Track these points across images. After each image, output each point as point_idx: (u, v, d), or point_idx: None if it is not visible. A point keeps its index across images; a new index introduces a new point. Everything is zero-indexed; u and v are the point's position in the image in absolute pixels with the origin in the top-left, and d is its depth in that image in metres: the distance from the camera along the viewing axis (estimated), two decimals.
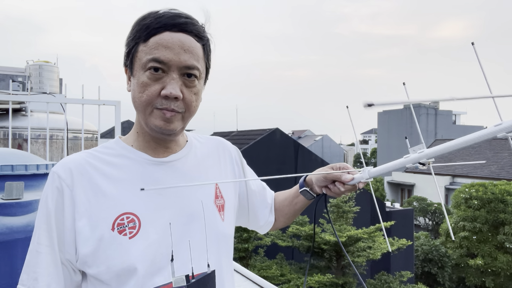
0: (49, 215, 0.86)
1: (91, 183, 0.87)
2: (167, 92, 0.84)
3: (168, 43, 0.84)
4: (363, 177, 1.03)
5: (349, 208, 10.49)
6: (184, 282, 0.87)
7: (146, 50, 0.85)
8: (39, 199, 1.73)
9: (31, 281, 0.86)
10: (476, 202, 13.69)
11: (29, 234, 1.63)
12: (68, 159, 0.90)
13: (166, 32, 0.85)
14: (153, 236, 0.86)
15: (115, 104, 3.92)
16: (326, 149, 48.66)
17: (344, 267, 10.23)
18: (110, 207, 0.86)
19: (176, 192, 0.92)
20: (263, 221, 1.21)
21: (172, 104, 0.86)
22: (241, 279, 3.15)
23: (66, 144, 4.10)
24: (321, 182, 1.11)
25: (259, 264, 10.00)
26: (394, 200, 26.14)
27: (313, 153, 13.90)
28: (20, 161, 1.89)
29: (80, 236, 0.84)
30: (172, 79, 0.85)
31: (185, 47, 0.86)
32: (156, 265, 0.85)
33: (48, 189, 0.87)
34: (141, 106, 0.87)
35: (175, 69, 0.85)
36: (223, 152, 1.10)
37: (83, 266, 0.86)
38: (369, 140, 67.40)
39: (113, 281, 0.84)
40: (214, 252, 0.94)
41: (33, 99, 3.93)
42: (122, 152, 0.93)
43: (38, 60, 6.13)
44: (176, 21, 0.86)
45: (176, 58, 0.84)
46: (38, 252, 0.86)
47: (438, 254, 14.27)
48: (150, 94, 0.85)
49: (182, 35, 0.86)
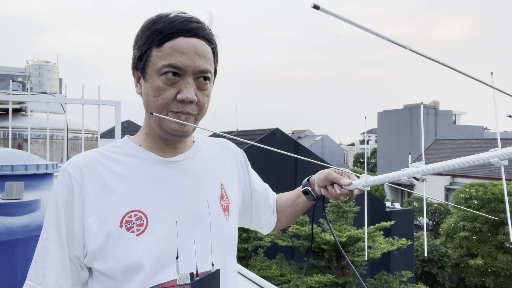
0: (58, 211, 0.87)
1: (100, 181, 0.89)
2: (183, 96, 0.86)
3: (183, 49, 0.86)
4: (360, 184, 1.05)
5: (349, 208, 10.49)
6: (188, 280, 0.88)
7: (161, 56, 0.87)
8: (39, 199, 1.74)
9: (39, 276, 0.87)
10: (476, 202, 13.70)
11: (29, 234, 1.63)
12: (78, 158, 0.92)
13: (181, 38, 0.87)
14: (159, 233, 0.88)
15: (115, 104, 3.92)
16: (326, 149, 48.68)
17: (344, 267, 10.24)
18: (119, 204, 0.87)
19: (183, 191, 0.94)
20: (266, 222, 1.24)
21: (187, 108, 0.88)
22: (241, 279, 3.15)
23: (66, 144, 4.10)
24: (321, 182, 1.13)
25: (259, 264, 10.01)
26: (394, 200, 26.13)
27: (313, 153, 13.91)
28: (20, 161, 1.89)
29: (88, 232, 0.86)
30: (187, 83, 0.87)
31: (199, 52, 0.88)
32: (162, 263, 0.87)
33: (58, 186, 0.89)
34: (156, 110, 0.89)
35: (190, 73, 0.88)
36: (229, 154, 1.13)
37: (91, 262, 0.87)
38: (369, 140, 67.40)
39: (120, 276, 0.85)
40: (219, 252, 0.96)
41: (33, 99, 3.94)
42: (130, 151, 0.95)
43: (38, 60, 6.12)
44: (190, 26, 0.88)
45: (191, 63, 0.87)
46: (47, 248, 0.87)
47: (438, 254, 14.26)
48: (166, 98, 0.87)
49: (195, 40, 0.88)
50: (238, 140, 3.04)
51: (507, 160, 0.78)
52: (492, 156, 0.78)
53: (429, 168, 0.91)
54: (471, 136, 33.07)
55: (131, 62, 0.95)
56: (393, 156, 34.57)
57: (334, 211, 10.55)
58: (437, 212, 20.21)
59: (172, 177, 0.94)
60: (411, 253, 13.77)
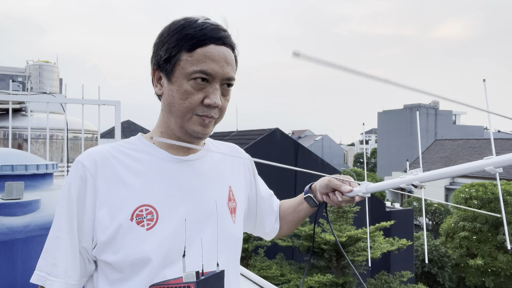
0: (71, 202, 0.88)
1: (114, 174, 0.90)
2: (211, 102, 0.90)
3: (214, 56, 0.90)
4: (361, 191, 1.08)
5: (349, 208, 10.49)
6: (194, 278, 0.89)
7: (192, 61, 0.89)
8: (39, 199, 1.74)
9: (49, 266, 0.88)
10: (476, 202, 13.70)
11: (29, 234, 1.63)
12: (93, 150, 0.93)
13: (212, 45, 0.90)
14: (169, 230, 0.89)
15: (115, 104, 3.92)
16: (326, 149, 48.68)
17: (344, 267, 10.23)
18: (130, 198, 0.89)
19: (193, 190, 0.96)
20: (269, 228, 1.26)
21: (211, 112, 0.92)
22: (241, 279, 3.15)
23: (66, 144, 4.11)
24: (323, 189, 1.15)
25: (259, 264, 10.00)
26: (394, 200, 26.12)
27: (313, 153, 13.89)
28: (20, 161, 1.89)
29: (99, 224, 0.87)
30: (215, 89, 0.91)
31: (227, 60, 0.92)
32: (169, 259, 0.88)
33: (72, 177, 0.90)
34: (181, 112, 0.91)
35: (218, 80, 0.91)
36: (237, 158, 1.15)
37: (99, 254, 0.88)
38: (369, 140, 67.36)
39: (127, 269, 0.87)
40: (224, 253, 0.97)
41: (33, 99, 3.94)
42: (144, 148, 0.97)
43: (38, 60, 6.12)
44: (220, 35, 0.92)
45: (221, 70, 0.91)
46: (58, 238, 0.89)
47: (438, 254, 14.26)
48: (193, 102, 0.90)
49: (224, 49, 0.92)
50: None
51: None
52: (487, 164, 0.80)
53: (427, 176, 0.94)
54: (471, 136, 33.09)
55: (152, 61, 0.97)
56: (393, 156, 34.57)
57: (334, 211, 10.56)
58: (437, 212, 20.21)
59: (183, 175, 0.96)
60: (411, 253, 13.77)
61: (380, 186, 1.05)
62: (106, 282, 0.89)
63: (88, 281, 0.94)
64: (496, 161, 0.78)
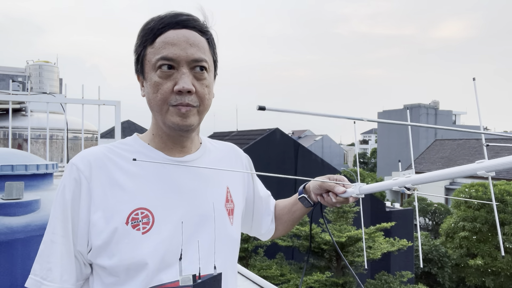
0: (65, 205, 0.87)
1: (109, 177, 0.88)
2: (179, 87, 0.86)
3: (173, 40, 0.87)
4: (354, 192, 1.07)
5: (349, 208, 10.48)
6: (190, 282, 0.87)
7: (154, 51, 0.88)
8: (39, 199, 1.73)
9: (44, 271, 0.86)
10: (476, 202, 13.69)
11: (29, 234, 1.63)
12: (87, 152, 0.91)
13: (170, 31, 0.88)
14: (165, 233, 0.87)
15: (115, 104, 3.92)
16: (326, 149, 48.65)
17: (344, 267, 10.23)
18: (126, 201, 0.87)
19: (190, 192, 0.94)
20: (265, 229, 1.24)
21: (186, 99, 0.87)
22: (241, 279, 3.15)
23: (66, 144, 4.11)
24: (317, 190, 1.13)
25: (259, 264, 10.00)
26: (394, 200, 26.12)
27: (313, 153, 13.88)
28: (20, 161, 1.89)
29: (94, 228, 0.85)
30: (182, 74, 0.87)
31: (190, 41, 0.88)
32: (166, 262, 0.86)
33: (66, 180, 0.88)
34: (157, 106, 0.89)
35: (184, 64, 0.87)
36: (235, 158, 1.13)
37: (95, 258, 0.87)
38: (369, 140, 67.35)
39: (122, 274, 0.85)
40: (222, 255, 0.95)
41: (33, 99, 3.93)
42: (139, 149, 0.95)
43: (38, 60, 6.11)
44: (179, 19, 0.89)
45: (183, 53, 0.87)
46: (53, 242, 0.87)
47: (438, 254, 14.26)
48: (164, 92, 0.87)
49: (186, 31, 0.89)
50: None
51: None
52: (479, 168, 0.80)
53: (419, 178, 0.94)
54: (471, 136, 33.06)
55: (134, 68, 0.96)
56: (393, 156, 34.56)
57: (334, 211, 10.55)
58: (437, 212, 20.20)
59: (180, 177, 0.94)
60: (411, 254, 13.76)
61: (373, 187, 1.05)
62: (102, 286, 0.88)
63: (84, 284, 0.92)
64: (488, 165, 0.79)
